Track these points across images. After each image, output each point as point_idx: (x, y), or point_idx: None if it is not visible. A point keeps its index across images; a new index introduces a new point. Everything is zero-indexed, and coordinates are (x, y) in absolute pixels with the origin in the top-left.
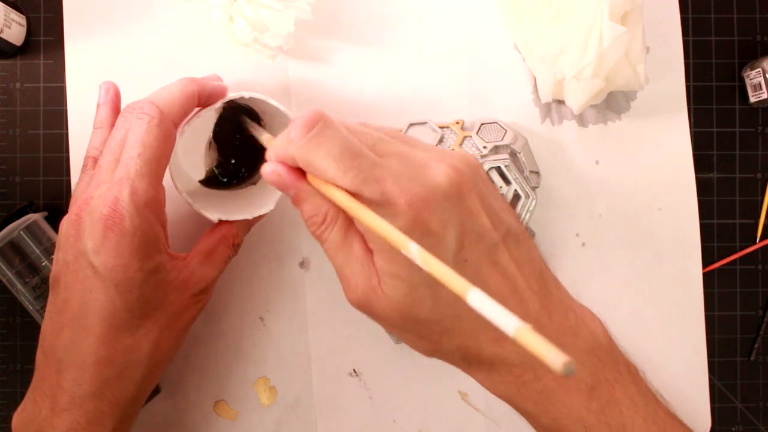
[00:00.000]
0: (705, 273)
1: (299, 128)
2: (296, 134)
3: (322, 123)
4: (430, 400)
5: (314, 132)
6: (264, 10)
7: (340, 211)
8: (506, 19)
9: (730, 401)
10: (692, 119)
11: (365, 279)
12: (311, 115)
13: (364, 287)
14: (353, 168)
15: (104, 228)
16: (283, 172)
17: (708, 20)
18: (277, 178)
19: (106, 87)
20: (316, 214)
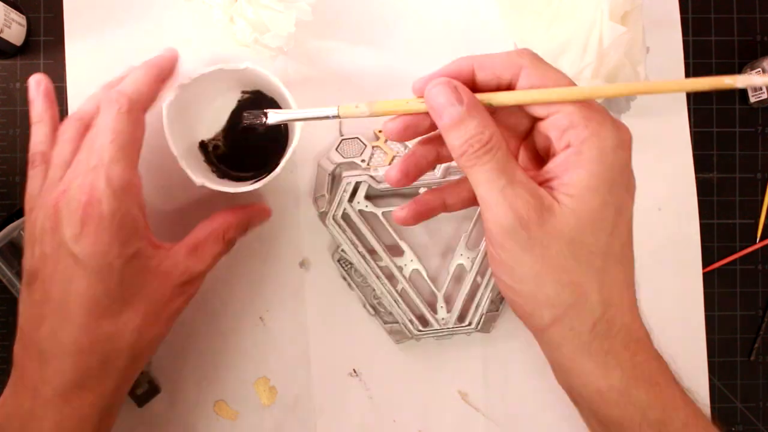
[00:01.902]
0: (705, 273)
1: (530, 52)
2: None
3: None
4: (430, 400)
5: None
6: (264, 11)
7: (502, 136)
8: (506, 19)
9: (730, 401)
10: (692, 119)
11: (536, 198)
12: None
13: (533, 206)
14: None
15: (83, 215)
16: (457, 83)
17: (708, 20)
18: (457, 86)
19: (36, 80)
20: (483, 132)
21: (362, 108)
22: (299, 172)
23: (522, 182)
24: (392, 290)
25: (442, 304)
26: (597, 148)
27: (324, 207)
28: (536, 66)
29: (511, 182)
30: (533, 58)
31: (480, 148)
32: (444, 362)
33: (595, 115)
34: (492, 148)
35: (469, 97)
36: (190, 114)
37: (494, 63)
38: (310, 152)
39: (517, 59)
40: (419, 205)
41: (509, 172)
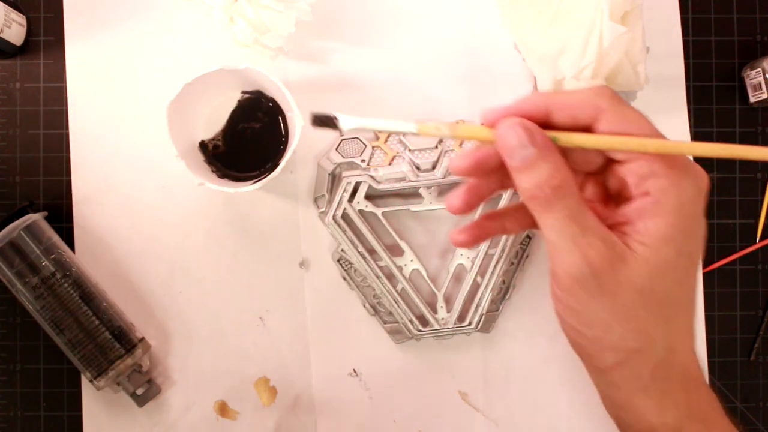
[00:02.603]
0: (705, 273)
1: (611, 92)
2: (610, 93)
3: None
4: (430, 400)
5: (624, 102)
6: (264, 11)
7: (575, 182)
8: (506, 19)
9: (730, 401)
10: (692, 119)
11: (608, 247)
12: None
13: (605, 255)
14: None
15: None
16: (531, 125)
17: (708, 20)
18: (532, 129)
19: None
20: (555, 177)
21: (443, 130)
22: (299, 172)
23: (594, 229)
24: (392, 290)
25: (442, 304)
26: (677, 198)
27: (324, 207)
28: (616, 109)
29: (583, 230)
30: (613, 99)
31: (552, 195)
32: (444, 362)
33: (677, 164)
34: (565, 195)
35: (543, 140)
36: (191, 114)
37: (571, 104)
38: (310, 152)
39: (596, 100)
40: (480, 230)
41: (581, 220)
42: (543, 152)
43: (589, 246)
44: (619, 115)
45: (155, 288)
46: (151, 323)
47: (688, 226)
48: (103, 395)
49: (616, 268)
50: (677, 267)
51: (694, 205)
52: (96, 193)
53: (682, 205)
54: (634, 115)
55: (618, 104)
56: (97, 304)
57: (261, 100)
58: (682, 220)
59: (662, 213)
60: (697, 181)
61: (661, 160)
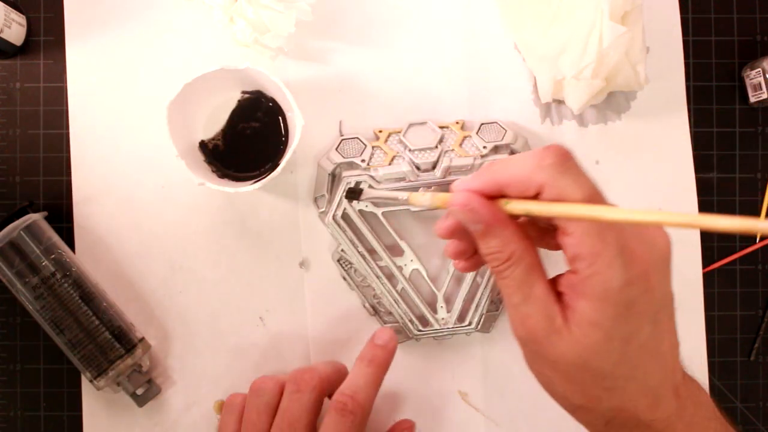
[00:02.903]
0: (705, 273)
1: (558, 156)
2: (553, 161)
3: (574, 158)
4: (430, 400)
5: (570, 164)
6: (264, 11)
7: (525, 253)
8: (506, 19)
9: (730, 401)
10: (692, 119)
11: (546, 318)
12: (564, 148)
13: (543, 325)
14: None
15: None
16: (479, 203)
17: (708, 20)
18: (475, 207)
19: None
20: (502, 251)
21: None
22: (299, 172)
23: (537, 300)
24: (392, 290)
25: (442, 304)
26: (601, 287)
27: (324, 207)
28: (555, 182)
29: (526, 300)
30: (554, 170)
31: (499, 265)
32: (444, 362)
33: (605, 251)
34: (511, 265)
35: (489, 215)
36: (191, 114)
37: (515, 180)
38: (310, 152)
39: (536, 175)
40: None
41: (526, 289)
42: (489, 228)
43: (528, 316)
44: (556, 189)
45: (155, 288)
46: (151, 323)
47: (620, 312)
48: (103, 395)
49: (552, 340)
50: (610, 349)
51: (623, 293)
52: (96, 193)
53: (606, 293)
54: (573, 186)
55: (558, 175)
56: (97, 304)
57: (261, 100)
58: (609, 306)
59: (587, 296)
60: (627, 270)
61: (590, 244)
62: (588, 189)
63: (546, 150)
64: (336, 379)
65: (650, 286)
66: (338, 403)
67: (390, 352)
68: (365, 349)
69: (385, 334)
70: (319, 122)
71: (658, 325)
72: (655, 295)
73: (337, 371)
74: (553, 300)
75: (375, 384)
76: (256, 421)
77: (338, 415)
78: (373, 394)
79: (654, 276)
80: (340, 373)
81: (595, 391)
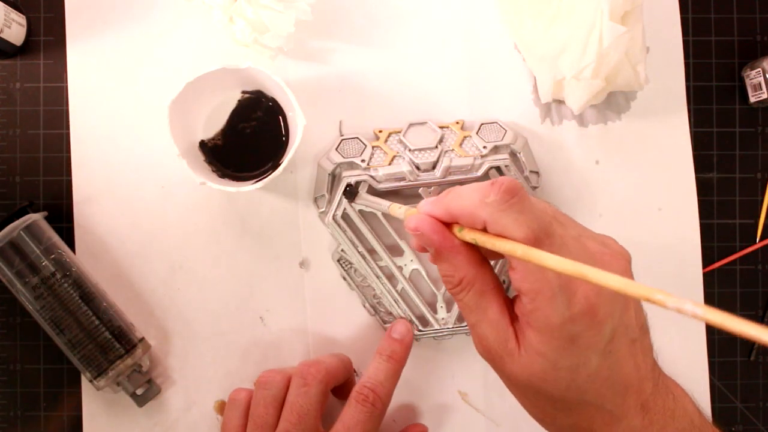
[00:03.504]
0: (705, 273)
1: (500, 194)
2: (497, 199)
3: (522, 194)
4: (430, 400)
5: (515, 200)
6: (264, 11)
7: (477, 278)
8: (506, 19)
9: (730, 401)
10: (692, 119)
11: (499, 341)
12: (512, 183)
13: (497, 347)
14: (545, 248)
15: None
16: (429, 229)
17: (708, 20)
18: (424, 233)
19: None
20: (453, 275)
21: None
22: (299, 172)
23: (491, 322)
24: (392, 290)
25: (442, 304)
26: (543, 322)
27: (324, 207)
28: (496, 219)
29: (481, 321)
30: (496, 208)
31: (451, 288)
32: (444, 362)
33: (545, 289)
34: (462, 290)
35: (438, 243)
36: (191, 113)
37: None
38: (310, 152)
39: (479, 211)
40: None
41: (480, 312)
42: (439, 253)
43: (483, 337)
44: (498, 226)
45: (155, 288)
46: (151, 323)
47: (563, 345)
48: (103, 395)
49: (505, 362)
50: (557, 378)
51: (565, 329)
52: (96, 193)
53: (548, 327)
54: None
55: (499, 213)
56: (97, 304)
57: (261, 99)
58: (553, 339)
59: (532, 328)
60: (569, 307)
61: (532, 281)
62: (529, 228)
63: (491, 186)
64: (341, 372)
65: (597, 321)
66: (360, 395)
67: (407, 347)
68: (384, 344)
69: (403, 327)
70: (319, 122)
71: (610, 355)
72: (603, 329)
73: (342, 363)
74: (508, 323)
75: (394, 379)
76: (263, 414)
77: (360, 405)
78: (392, 388)
79: (602, 310)
80: (345, 365)
81: (550, 410)
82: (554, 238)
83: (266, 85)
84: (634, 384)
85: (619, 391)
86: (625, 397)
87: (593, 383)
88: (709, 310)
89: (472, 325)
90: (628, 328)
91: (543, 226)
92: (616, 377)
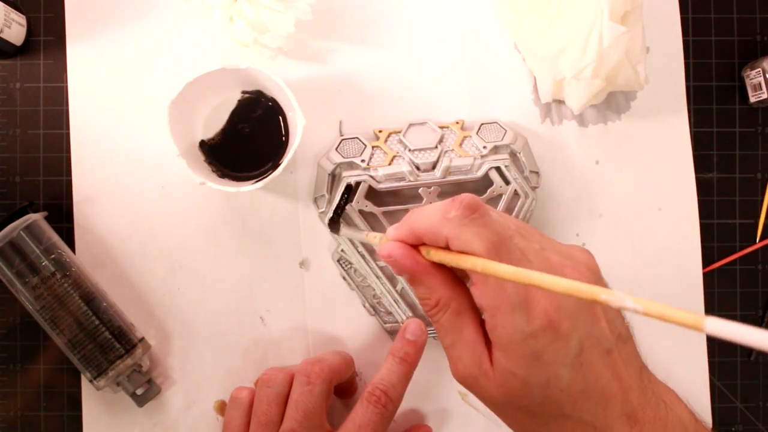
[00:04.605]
0: (705, 273)
1: (461, 209)
2: (457, 214)
3: (483, 209)
4: (430, 400)
5: (476, 215)
6: (264, 11)
7: (453, 298)
8: (506, 19)
9: (730, 401)
10: (692, 119)
11: (474, 362)
12: (472, 199)
13: (472, 369)
14: (504, 261)
15: None
16: (401, 255)
17: (708, 20)
18: (396, 259)
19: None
20: (430, 297)
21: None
22: (299, 172)
23: (466, 344)
24: (392, 290)
25: None
26: (506, 339)
27: (324, 207)
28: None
29: (456, 343)
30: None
31: (428, 310)
32: (444, 362)
33: (504, 305)
34: (439, 311)
35: (411, 267)
36: (191, 113)
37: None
38: (310, 152)
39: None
40: None
41: (455, 332)
42: (413, 277)
43: (458, 359)
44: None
45: (155, 288)
46: (151, 323)
47: (529, 362)
48: (103, 395)
49: (480, 383)
50: (530, 394)
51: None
52: (96, 193)
53: (511, 344)
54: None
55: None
56: (97, 304)
57: (261, 99)
58: (518, 357)
59: (497, 346)
60: (530, 321)
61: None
62: (489, 241)
63: (452, 202)
64: (344, 369)
65: (560, 335)
66: (372, 395)
67: (420, 348)
68: (397, 344)
69: (417, 328)
70: (319, 122)
71: (581, 368)
72: (569, 343)
73: (344, 361)
74: (482, 343)
75: (406, 381)
76: (267, 412)
77: (371, 405)
78: (403, 391)
79: (564, 324)
80: (347, 362)
81: (531, 426)
82: (514, 253)
83: (266, 85)
84: (616, 395)
85: (599, 402)
86: (607, 409)
87: (569, 396)
88: (648, 303)
89: (448, 346)
90: (600, 339)
91: (503, 239)
92: (592, 389)
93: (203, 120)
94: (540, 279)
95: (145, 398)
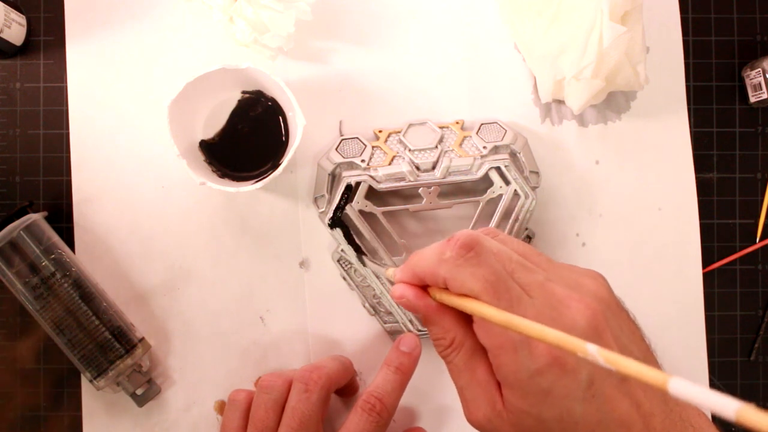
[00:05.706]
0: (705, 273)
1: (456, 249)
2: (453, 255)
3: (479, 247)
4: (430, 401)
5: (471, 255)
6: (264, 11)
7: (467, 337)
8: (506, 19)
9: None
10: (692, 119)
11: (488, 403)
12: (468, 238)
13: (486, 410)
14: (503, 300)
15: None
16: (413, 296)
17: (708, 20)
18: (409, 299)
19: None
20: (444, 338)
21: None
22: (299, 172)
23: (480, 384)
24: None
25: None
26: (513, 377)
27: (324, 207)
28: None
29: (470, 383)
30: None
31: (443, 350)
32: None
33: (507, 344)
34: (453, 350)
35: (422, 308)
36: (191, 113)
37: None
38: (310, 152)
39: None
40: None
41: (469, 372)
42: (427, 317)
43: (472, 400)
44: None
45: (155, 288)
46: (151, 323)
47: (539, 399)
48: (103, 395)
49: (495, 424)
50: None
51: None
52: (96, 193)
53: (519, 383)
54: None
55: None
56: (97, 304)
57: (261, 99)
58: (527, 395)
59: (505, 385)
60: (533, 359)
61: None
62: (486, 281)
63: (447, 243)
64: (343, 376)
65: (567, 370)
66: (367, 403)
67: (415, 359)
68: (391, 355)
69: (411, 341)
70: (319, 122)
71: (594, 399)
72: (578, 377)
73: (343, 367)
74: (494, 383)
75: (401, 390)
76: (264, 418)
77: (366, 414)
78: (398, 400)
79: (572, 358)
80: (346, 368)
81: None
82: (513, 290)
83: (266, 85)
84: (635, 422)
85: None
86: None
87: (585, 428)
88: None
89: (462, 387)
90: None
91: (501, 277)
92: (609, 420)
93: (203, 120)
94: (527, 327)
95: (145, 398)
